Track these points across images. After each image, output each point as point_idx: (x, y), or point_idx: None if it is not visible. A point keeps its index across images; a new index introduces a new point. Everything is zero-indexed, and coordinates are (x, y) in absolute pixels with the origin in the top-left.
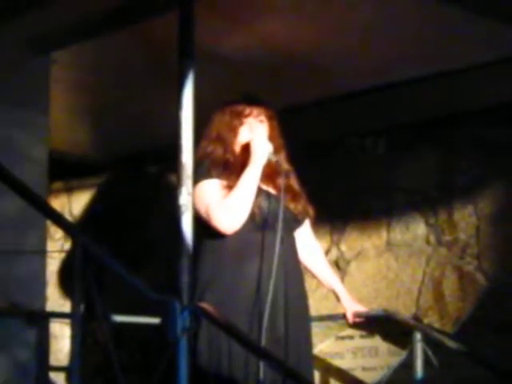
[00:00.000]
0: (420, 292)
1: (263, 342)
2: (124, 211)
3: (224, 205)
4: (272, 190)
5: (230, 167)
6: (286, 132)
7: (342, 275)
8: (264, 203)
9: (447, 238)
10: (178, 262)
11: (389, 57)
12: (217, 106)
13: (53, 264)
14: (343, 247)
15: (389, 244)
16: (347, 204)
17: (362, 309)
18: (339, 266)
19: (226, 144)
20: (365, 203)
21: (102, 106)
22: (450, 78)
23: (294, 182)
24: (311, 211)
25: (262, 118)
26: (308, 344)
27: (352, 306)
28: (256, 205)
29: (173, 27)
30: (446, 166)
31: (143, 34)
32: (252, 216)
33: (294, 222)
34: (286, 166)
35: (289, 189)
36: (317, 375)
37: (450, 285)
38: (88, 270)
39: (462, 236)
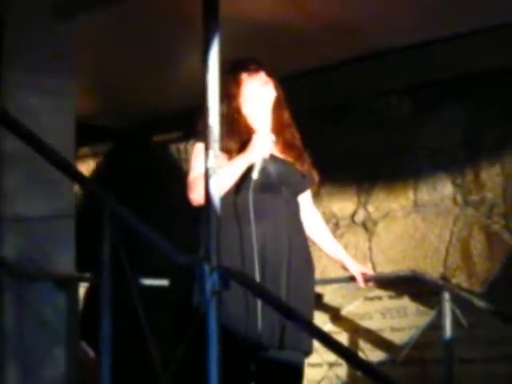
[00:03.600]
0: (448, 252)
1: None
2: (149, 174)
3: (199, 178)
4: (277, 153)
5: (233, 128)
6: (311, 94)
7: (370, 236)
8: (269, 165)
9: (474, 197)
10: (206, 224)
11: (413, 16)
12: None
13: None
14: (370, 208)
15: (416, 204)
16: (374, 165)
17: (370, 271)
18: (366, 227)
19: (231, 96)
20: (391, 164)
21: (128, 71)
22: (475, 37)
23: (299, 142)
24: (316, 176)
25: (267, 79)
26: (310, 307)
27: (359, 269)
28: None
29: None
30: (472, 125)
31: None
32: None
33: (299, 183)
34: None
35: (293, 147)
36: (345, 336)
37: (477, 245)
38: (116, 234)
39: (489, 196)
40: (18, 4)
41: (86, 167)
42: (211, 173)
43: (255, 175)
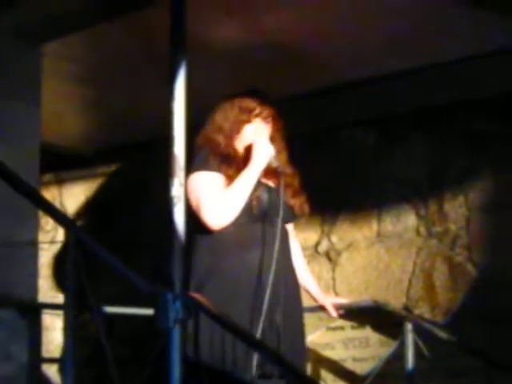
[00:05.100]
0: (410, 283)
1: (260, 332)
2: (114, 202)
3: (216, 200)
4: (271, 184)
5: (229, 160)
6: None
7: (333, 266)
8: (263, 195)
9: (438, 228)
10: (170, 253)
11: (380, 48)
12: (223, 97)
13: (43, 256)
14: (334, 238)
15: (379, 235)
16: (338, 195)
17: (342, 300)
18: (330, 257)
19: (228, 137)
20: (356, 194)
21: (93, 98)
22: (438, 70)
23: (296, 181)
24: (307, 209)
25: (269, 119)
26: (302, 334)
27: (329, 300)
28: (255, 197)
29: (165, 17)
30: (436, 157)
31: (134, 25)
32: (250, 208)
33: (290, 216)
34: (287, 169)
35: (290, 186)
36: (308, 366)
37: (440, 276)
38: (80, 261)
39: (453, 227)
40: None
41: (50, 194)
42: (176, 201)
43: (275, 164)
